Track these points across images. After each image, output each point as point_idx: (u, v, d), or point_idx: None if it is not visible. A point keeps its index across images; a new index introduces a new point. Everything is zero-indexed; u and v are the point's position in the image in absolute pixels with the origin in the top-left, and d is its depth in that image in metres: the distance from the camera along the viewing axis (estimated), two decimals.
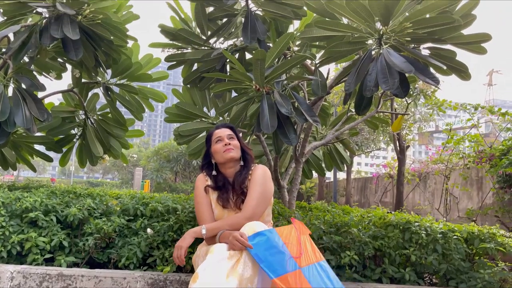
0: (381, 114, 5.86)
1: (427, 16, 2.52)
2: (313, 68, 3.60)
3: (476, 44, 2.72)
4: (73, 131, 4.43)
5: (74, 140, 4.47)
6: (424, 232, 2.78)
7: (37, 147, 4.52)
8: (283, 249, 1.81)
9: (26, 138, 4.17)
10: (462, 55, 3.03)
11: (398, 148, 7.14)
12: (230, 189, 2.23)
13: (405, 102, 6.48)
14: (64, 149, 4.52)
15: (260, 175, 2.20)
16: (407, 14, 2.58)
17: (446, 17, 2.38)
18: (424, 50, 2.95)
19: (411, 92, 6.31)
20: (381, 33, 2.57)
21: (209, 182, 2.29)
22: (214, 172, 2.31)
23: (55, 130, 4.14)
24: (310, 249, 1.92)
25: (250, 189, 2.16)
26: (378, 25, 2.65)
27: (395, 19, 2.48)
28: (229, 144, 2.26)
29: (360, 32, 2.74)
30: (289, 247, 1.85)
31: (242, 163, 2.30)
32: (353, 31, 2.78)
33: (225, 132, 2.33)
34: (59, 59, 3.88)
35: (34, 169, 4.60)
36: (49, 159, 4.48)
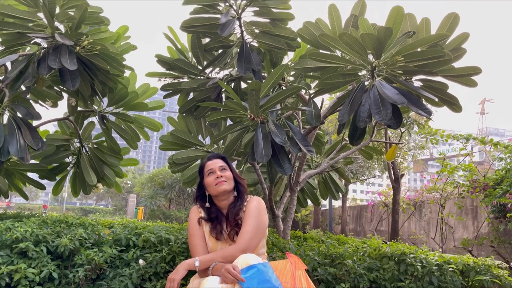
0: (375, 143, 5.90)
1: (419, 49, 2.59)
2: (307, 97, 3.65)
3: (467, 77, 2.78)
4: (67, 159, 4.41)
5: (68, 168, 4.45)
6: (419, 264, 2.76)
7: (30, 174, 4.49)
8: (277, 284, 1.78)
9: (20, 166, 4.14)
10: (455, 86, 3.09)
11: (392, 177, 7.16)
12: (224, 221, 2.22)
13: (399, 131, 6.54)
14: (58, 177, 4.49)
15: (255, 207, 2.19)
16: (398, 47, 2.64)
17: (437, 51, 2.44)
18: (417, 81, 3.01)
19: (405, 121, 6.38)
20: (373, 65, 2.63)
21: (203, 214, 2.28)
22: (207, 204, 2.29)
23: (49, 158, 4.12)
24: (305, 285, 1.89)
25: (244, 221, 2.14)
26: (371, 57, 2.70)
27: (387, 52, 2.54)
28: (221, 176, 2.24)
29: (353, 64, 2.80)
30: (283, 282, 1.82)
31: (235, 194, 2.28)
32: (346, 63, 2.84)
33: (216, 163, 2.31)
34: (55, 88, 3.91)
35: (26, 197, 4.55)
36: (42, 187, 4.44)
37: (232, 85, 4.17)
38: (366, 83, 2.77)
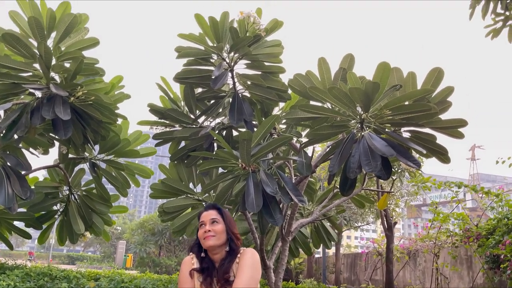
0: (367, 191, 5.90)
1: (406, 103, 2.66)
2: (298, 145, 3.69)
3: (454, 129, 2.83)
4: (55, 207, 4.34)
5: (56, 216, 4.36)
6: None
7: (16, 222, 4.39)
8: None
9: (6, 215, 4.06)
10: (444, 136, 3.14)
11: (385, 225, 7.09)
12: (215, 275, 2.15)
13: (391, 178, 6.57)
14: (44, 226, 4.39)
15: (249, 258, 2.13)
16: (387, 100, 2.71)
17: (422, 105, 2.51)
18: (406, 132, 3.07)
19: (396, 169, 6.42)
20: (362, 117, 2.69)
21: (196, 265, 2.21)
22: (202, 254, 2.22)
23: (36, 206, 4.05)
24: None
25: (238, 274, 2.08)
26: (360, 109, 2.77)
27: (375, 105, 2.61)
28: (209, 231, 2.18)
29: (342, 116, 2.86)
30: None
31: (227, 249, 2.20)
32: (335, 115, 2.90)
33: (209, 216, 2.25)
34: (47, 135, 3.92)
35: (11, 247, 4.42)
36: (28, 236, 4.34)
37: (224, 133, 4.21)
38: (356, 134, 2.82)
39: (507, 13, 4.16)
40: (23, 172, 3.41)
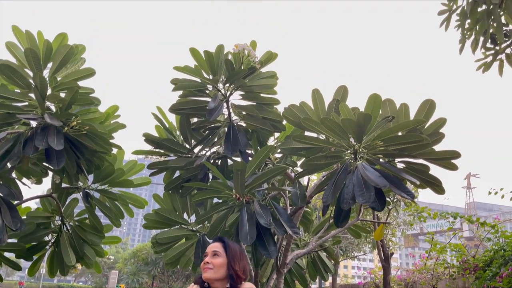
0: (363, 222, 5.86)
1: (399, 133, 2.68)
2: (293, 174, 3.69)
3: (447, 160, 2.85)
4: (46, 238, 4.27)
5: (47, 247, 4.28)
6: None
7: (6, 253, 4.30)
8: None
9: None
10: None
11: (382, 255, 7.01)
12: None
13: (387, 208, 6.54)
14: (35, 257, 4.30)
15: None
16: (380, 130, 2.74)
17: (415, 136, 2.53)
18: (399, 163, 3.08)
19: (392, 199, 6.40)
20: (355, 148, 2.70)
21: None
22: (206, 284, 2.18)
23: (27, 237, 3.98)
24: None
25: None
26: (353, 140, 2.79)
27: (367, 136, 2.63)
28: (208, 263, 2.16)
29: (336, 146, 2.87)
30: None
31: (228, 285, 2.15)
32: (329, 145, 2.92)
33: (212, 248, 2.22)
34: (40, 164, 3.90)
35: (0, 278, 4.31)
36: (18, 268, 4.24)
37: (219, 162, 4.21)
38: (350, 165, 2.83)
39: (497, 47, 4.26)
40: (15, 202, 3.38)
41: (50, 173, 3.98)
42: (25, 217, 4.08)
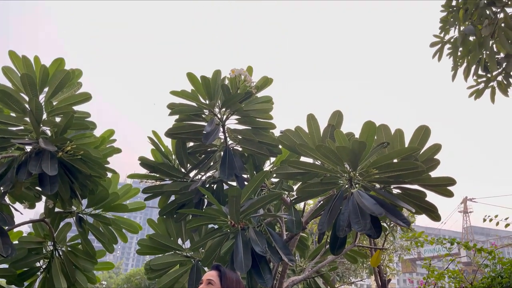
0: (360, 247, 5.79)
1: (394, 160, 2.68)
2: (289, 199, 3.66)
3: (442, 187, 2.85)
4: (38, 263, 4.18)
5: (38, 273, 4.19)
6: None
7: None
8: None
9: None
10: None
11: (379, 282, 6.90)
12: None
13: (383, 233, 6.48)
14: (26, 283, 4.20)
15: None
16: (376, 156, 2.74)
17: (410, 163, 2.54)
18: (395, 189, 3.07)
19: (388, 224, 6.35)
20: (350, 175, 2.70)
21: None
22: None
23: (19, 263, 3.90)
24: None
25: None
26: (348, 167, 2.78)
27: (362, 163, 2.63)
28: None
29: (331, 173, 2.87)
30: None
31: None
32: (325, 171, 2.91)
33: (207, 276, 2.19)
34: (33, 188, 3.86)
35: None
36: None
37: (215, 186, 4.18)
38: (345, 191, 2.82)
39: (489, 75, 4.32)
40: (6, 228, 3.32)
41: (44, 197, 3.94)
42: (17, 242, 4.01)
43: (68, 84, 3.32)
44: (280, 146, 3.75)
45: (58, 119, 3.27)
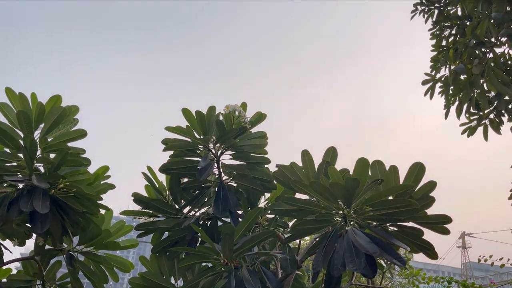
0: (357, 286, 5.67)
1: (388, 197, 2.67)
2: (284, 236, 3.60)
3: (439, 225, 2.82)
4: None
5: None
6: None
7: None
8: None
9: None
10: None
11: None
12: None
13: (381, 270, 6.36)
14: None
15: None
16: (371, 193, 2.73)
17: (404, 201, 2.52)
18: (391, 226, 3.03)
19: (386, 261, 6.25)
20: (344, 213, 2.68)
21: None
22: None
23: None
24: None
25: None
26: (342, 204, 2.76)
27: (356, 200, 2.61)
28: None
29: (326, 210, 2.84)
30: None
31: None
32: (319, 209, 2.88)
33: None
34: (24, 225, 3.79)
35: None
36: None
37: (209, 223, 4.13)
38: (340, 229, 2.78)
39: (481, 112, 4.38)
40: None
41: (34, 234, 3.87)
42: (5, 280, 3.91)
43: (64, 121, 3.33)
44: (275, 182, 3.74)
45: (52, 156, 3.27)
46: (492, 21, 3.99)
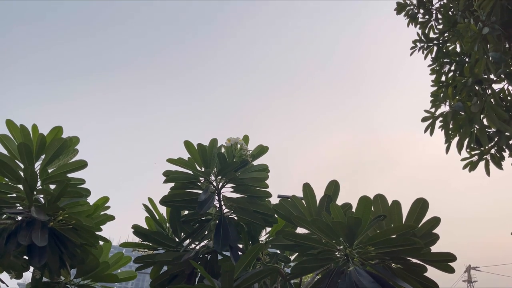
0: None
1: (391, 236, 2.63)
2: (286, 271, 3.53)
3: (443, 262, 2.77)
4: None
5: None
6: None
7: None
8: None
9: None
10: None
11: None
12: None
13: None
14: None
15: None
16: (374, 230, 2.69)
17: (408, 239, 2.48)
18: (394, 263, 2.97)
19: None
20: (346, 252, 2.63)
21: None
22: None
23: None
24: None
25: None
26: (345, 242, 2.72)
27: (359, 239, 2.58)
28: None
29: (328, 247, 2.80)
30: None
31: None
32: (321, 246, 2.84)
33: None
34: (21, 257, 3.74)
35: None
36: None
37: (209, 257, 4.06)
38: (342, 266, 2.73)
39: (482, 148, 4.38)
40: None
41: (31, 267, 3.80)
42: None
43: (64, 152, 3.34)
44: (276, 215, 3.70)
45: (52, 187, 3.25)
46: (490, 58, 4.04)
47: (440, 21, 7.07)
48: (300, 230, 3.30)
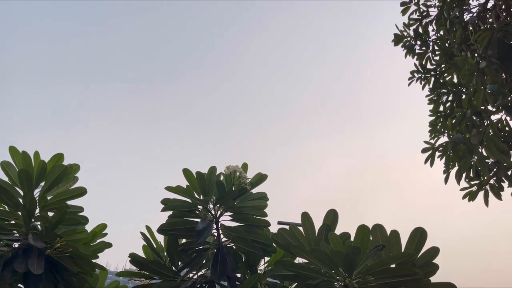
0: None
1: (391, 266, 2.61)
2: None
3: None
4: None
5: None
6: None
7: None
8: None
9: None
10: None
11: None
12: None
13: None
14: None
15: None
16: (373, 260, 2.66)
17: (407, 269, 2.47)
18: None
19: None
20: (345, 282, 2.61)
21: None
22: None
23: None
24: None
25: None
26: (344, 272, 2.70)
27: (358, 268, 2.56)
28: None
29: (327, 277, 2.77)
30: None
31: None
32: (320, 276, 2.81)
33: None
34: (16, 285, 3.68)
35: None
36: None
37: (206, 286, 4.00)
38: None
39: (481, 178, 4.39)
40: None
41: None
42: None
43: (64, 179, 3.35)
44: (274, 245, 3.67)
45: (51, 214, 3.25)
46: (488, 90, 4.12)
47: (437, 53, 7.24)
48: (299, 260, 3.27)
